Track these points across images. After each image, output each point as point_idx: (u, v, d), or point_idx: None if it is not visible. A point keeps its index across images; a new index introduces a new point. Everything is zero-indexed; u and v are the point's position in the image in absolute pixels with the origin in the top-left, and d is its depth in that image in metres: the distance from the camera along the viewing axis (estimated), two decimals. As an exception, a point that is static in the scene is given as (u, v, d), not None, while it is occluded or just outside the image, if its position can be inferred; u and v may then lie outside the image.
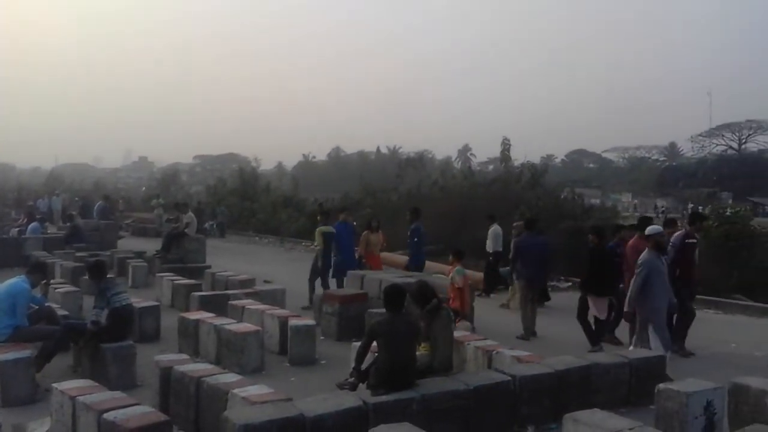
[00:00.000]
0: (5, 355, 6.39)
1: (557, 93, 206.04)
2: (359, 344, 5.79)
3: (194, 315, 8.44)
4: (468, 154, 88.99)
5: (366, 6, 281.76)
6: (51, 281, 9.61)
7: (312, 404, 4.75)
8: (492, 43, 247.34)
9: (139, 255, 15.30)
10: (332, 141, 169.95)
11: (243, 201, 33.50)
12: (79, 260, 13.71)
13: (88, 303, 8.48)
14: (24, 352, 6.54)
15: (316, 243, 11.87)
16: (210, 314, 8.37)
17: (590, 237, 9.34)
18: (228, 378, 5.55)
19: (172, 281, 11.42)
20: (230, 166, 74.32)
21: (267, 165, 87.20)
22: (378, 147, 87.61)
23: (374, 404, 4.90)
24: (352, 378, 5.69)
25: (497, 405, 5.51)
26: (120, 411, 4.60)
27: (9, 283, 7.30)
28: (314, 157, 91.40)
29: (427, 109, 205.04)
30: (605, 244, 9.26)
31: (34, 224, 17.92)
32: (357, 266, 11.78)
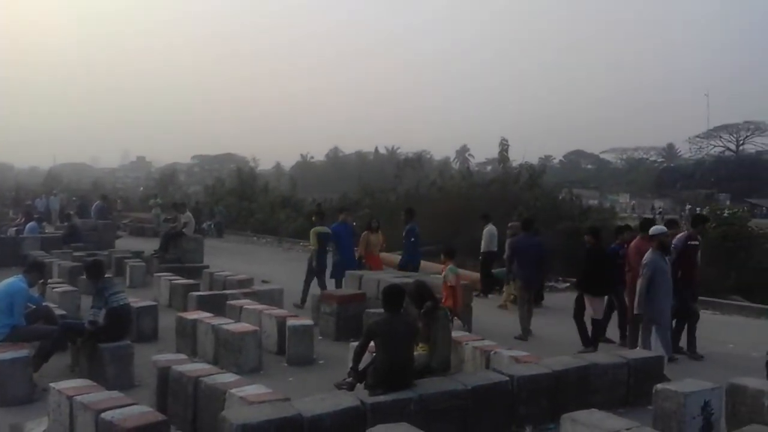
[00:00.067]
0: (3, 355, 6.38)
1: (555, 93, 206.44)
2: (357, 344, 5.79)
3: (192, 315, 8.44)
4: (466, 155, 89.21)
5: (366, 6, 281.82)
6: (48, 281, 9.60)
7: (310, 404, 4.75)
8: (491, 44, 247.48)
9: (137, 255, 15.29)
10: (330, 141, 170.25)
11: (241, 201, 33.48)
12: (77, 260, 13.69)
13: (86, 303, 8.46)
14: (21, 352, 6.54)
15: (311, 243, 11.87)
16: (208, 314, 8.37)
17: (586, 237, 9.37)
18: (226, 378, 5.54)
19: (170, 281, 11.41)
20: (228, 166, 74.38)
21: (265, 165, 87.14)
22: (376, 147, 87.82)
23: (372, 404, 4.90)
24: (350, 378, 5.69)
25: (495, 405, 5.52)
26: (117, 411, 4.59)
27: (6, 283, 7.28)
28: (312, 158, 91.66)
29: (426, 110, 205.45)
30: (602, 245, 9.27)
31: (32, 224, 17.92)
32: (357, 266, 11.79)
